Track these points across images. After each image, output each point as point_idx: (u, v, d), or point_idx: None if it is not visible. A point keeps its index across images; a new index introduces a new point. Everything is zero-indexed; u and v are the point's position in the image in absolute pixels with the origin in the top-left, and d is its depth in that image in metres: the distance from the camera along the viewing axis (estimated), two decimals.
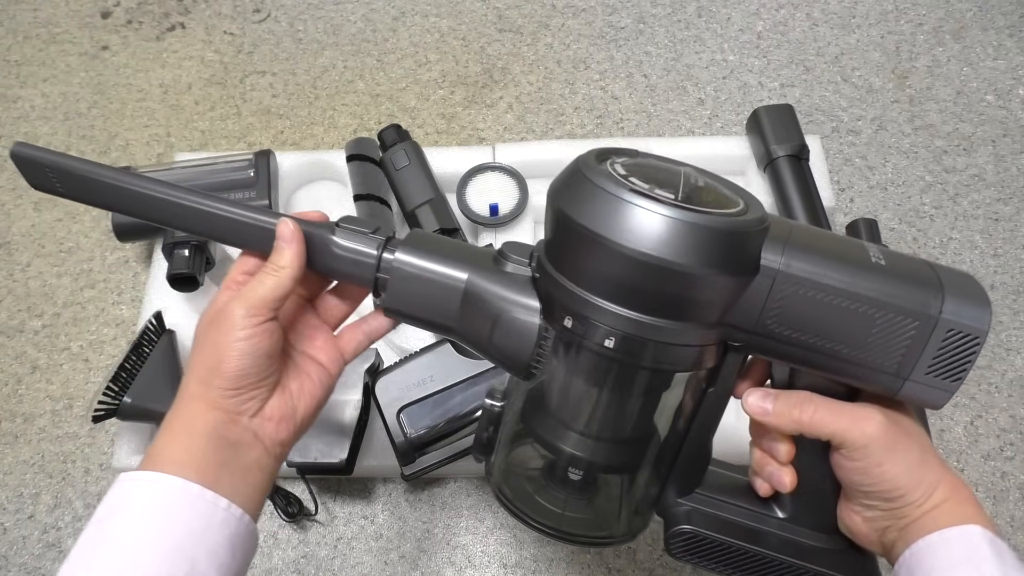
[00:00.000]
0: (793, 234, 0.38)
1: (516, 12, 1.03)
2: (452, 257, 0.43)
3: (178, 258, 0.74)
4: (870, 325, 0.37)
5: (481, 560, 0.69)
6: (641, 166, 0.40)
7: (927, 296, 0.37)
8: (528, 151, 0.84)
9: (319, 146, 0.94)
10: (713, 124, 0.94)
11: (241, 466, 0.41)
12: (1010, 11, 1.00)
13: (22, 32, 1.05)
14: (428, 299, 0.43)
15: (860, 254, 0.38)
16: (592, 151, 0.41)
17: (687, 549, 0.46)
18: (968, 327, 0.37)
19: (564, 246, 0.39)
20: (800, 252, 0.37)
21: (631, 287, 0.36)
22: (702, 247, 0.35)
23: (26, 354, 0.81)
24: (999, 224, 0.85)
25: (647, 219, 0.35)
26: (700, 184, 0.39)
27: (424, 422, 0.67)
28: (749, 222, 0.37)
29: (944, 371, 0.38)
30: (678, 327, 0.37)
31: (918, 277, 0.38)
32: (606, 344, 0.38)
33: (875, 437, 0.39)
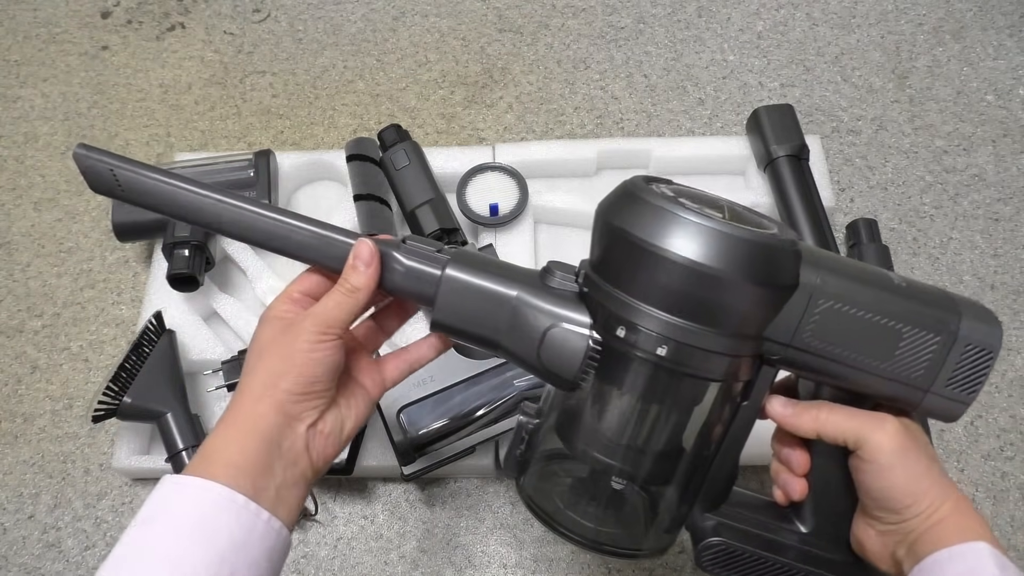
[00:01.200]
0: (823, 258, 0.42)
1: (516, 12, 1.03)
2: (501, 274, 0.44)
3: (178, 258, 0.74)
4: (897, 339, 0.41)
5: (481, 560, 0.69)
6: (685, 192, 0.44)
7: (947, 314, 0.41)
8: (528, 151, 0.84)
9: (319, 146, 0.94)
10: (713, 124, 0.94)
11: (288, 477, 0.42)
12: (1010, 11, 1.00)
13: (22, 32, 1.05)
14: (478, 314, 0.44)
15: (884, 276, 0.42)
16: (638, 176, 0.44)
17: (716, 561, 0.47)
18: (983, 343, 0.41)
19: (619, 260, 0.41)
20: (832, 272, 0.41)
21: (684, 296, 0.39)
22: (750, 260, 0.38)
23: (26, 354, 0.81)
24: (999, 224, 0.85)
25: (702, 233, 0.38)
26: (739, 210, 0.43)
27: (424, 422, 0.67)
28: (788, 242, 0.41)
29: (962, 384, 0.42)
30: (723, 337, 0.40)
31: (936, 298, 0.42)
32: (658, 352, 0.40)
33: (888, 439, 0.41)
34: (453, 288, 0.44)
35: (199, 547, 0.37)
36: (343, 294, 0.44)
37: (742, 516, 0.48)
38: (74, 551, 0.71)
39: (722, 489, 0.48)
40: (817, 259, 0.42)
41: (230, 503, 0.39)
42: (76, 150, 0.43)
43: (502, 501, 0.72)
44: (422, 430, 0.67)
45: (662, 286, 0.39)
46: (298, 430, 0.43)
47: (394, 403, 0.68)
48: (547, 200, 0.81)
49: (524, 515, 0.71)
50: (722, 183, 0.86)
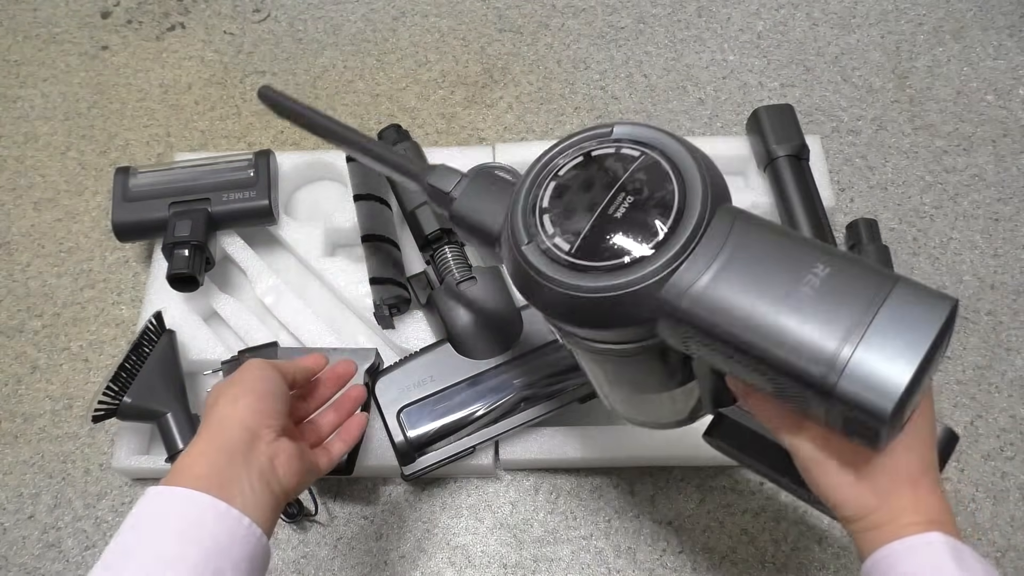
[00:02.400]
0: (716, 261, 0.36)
1: (516, 12, 1.03)
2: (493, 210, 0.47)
3: (178, 258, 0.74)
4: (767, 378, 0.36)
5: (481, 560, 0.69)
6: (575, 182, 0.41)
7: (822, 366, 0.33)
8: (528, 151, 0.84)
9: (319, 146, 0.93)
10: (713, 124, 0.94)
11: (257, 487, 0.45)
12: (1010, 11, 1.00)
13: (22, 32, 1.05)
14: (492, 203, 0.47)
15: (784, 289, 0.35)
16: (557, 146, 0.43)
17: (724, 435, 0.51)
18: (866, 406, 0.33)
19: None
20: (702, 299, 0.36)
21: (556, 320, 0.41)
22: (587, 310, 0.38)
23: (26, 354, 0.81)
24: (999, 224, 0.85)
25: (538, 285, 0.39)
26: (620, 212, 0.38)
27: (424, 422, 0.67)
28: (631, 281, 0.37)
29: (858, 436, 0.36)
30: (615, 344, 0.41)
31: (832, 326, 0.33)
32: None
33: (803, 446, 0.40)
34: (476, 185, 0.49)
35: (186, 548, 0.39)
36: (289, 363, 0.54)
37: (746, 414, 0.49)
38: (74, 551, 0.71)
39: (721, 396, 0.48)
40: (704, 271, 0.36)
41: (212, 508, 0.41)
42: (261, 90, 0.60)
43: (502, 501, 0.72)
44: (422, 430, 0.67)
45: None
46: (259, 445, 0.47)
47: (394, 403, 0.68)
48: None
49: (524, 515, 0.71)
50: None
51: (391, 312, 0.73)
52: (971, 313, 0.80)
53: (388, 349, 0.76)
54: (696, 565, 0.68)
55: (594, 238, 0.38)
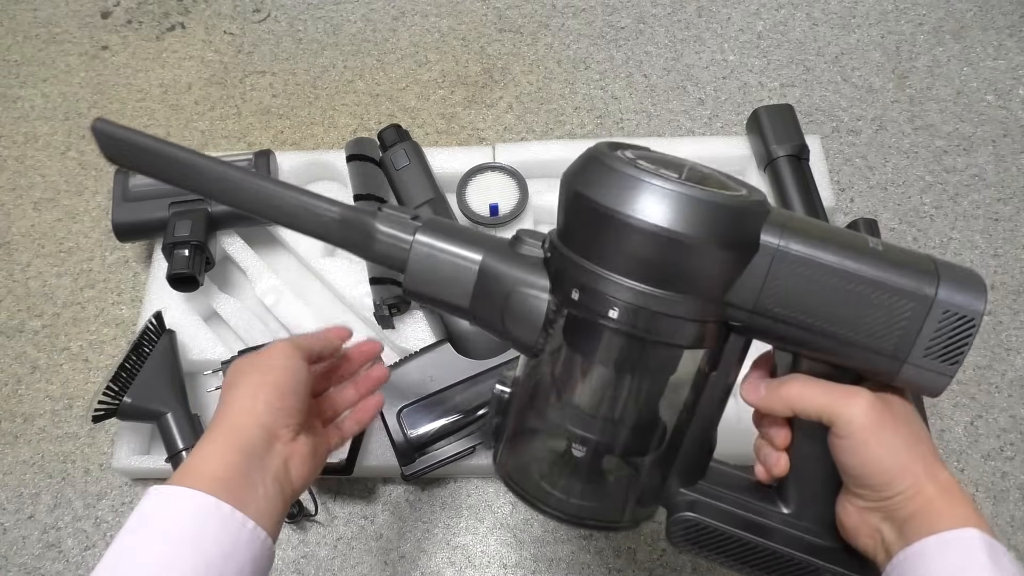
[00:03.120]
0: (792, 220, 0.40)
1: (516, 12, 1.03)
2: (470, 239, 0.45)
3: (178, 258, 0.74)
4: (866, 305, 0.39)
5: (481, 560, 0.69)
6: (649, 157, 0.42)
7: (922, 279, 0.39)
8: (528, 151, 0.84)
9: (319, 146, 0.94)
10: (713, 124, 0.94)
11: (269, 491, 0.44)
12: (1010, 11, 1.00)
13: (22, 32, 1.05)
14: (447, 279, 0.45)
15: (858, 240, 0.40)
16: (604, 142, 0.43)
17: (687, 538, 0.46)
18: (963, 309, 0.38)
19: (577, 224, 0.41)
20: (798, 235, 0.39)
21: (638, 258, 0.38)
22: (704, 220, 0.37)
23: (26, 354, 0.81)
24: (999, 224, 0.85)
25: (653, 193, 0.37)
26: (705, 172, 0.42)
27: (424, 422, 0.67)
28: (750, 201, 0.39)
29: (941, 354, 0.39)
30: (679, 299, 0.39)
31: (914, 263, 0.39)
32: (610, 314, 0.39)
33: (861, 414, 0.39)
34: (423, 253, 0.44)
35: (188, 552, 0.38)
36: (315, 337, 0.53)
37: (720, 494, 0.46)
38: (74, 551, 0.71)
39: (698, 463, 0.47)
40: (784, 221, 0.40)
41: (216, 511, 0.40)
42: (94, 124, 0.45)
43: (502, 501, 0.72)
44: (422, 430, 0.67)
45: (617, 249, 0.39)
46: (276, 446, 0.46)
47: (394, 403, 0.68)
48: (547, 200, 0.81)
49: (524, 515, 0.71)
50: None
51: (391, 312, 0.73)
52: None
53: (388, 349, 0.76)
54: (696, 565, 0.68)
55: (694, 178, 0.39)
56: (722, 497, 0.46)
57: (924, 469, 0.39)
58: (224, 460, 0.43)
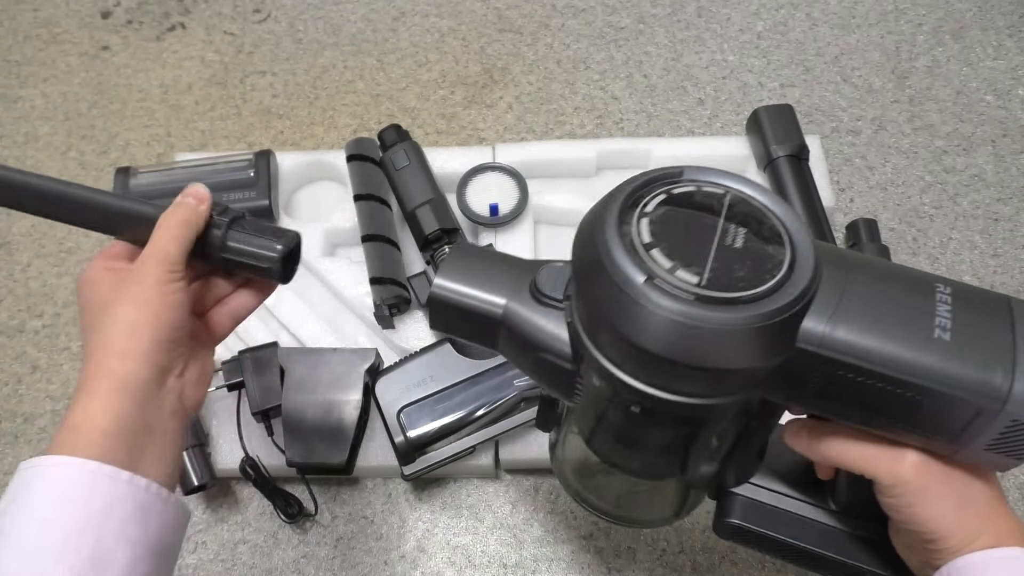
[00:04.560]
0: (845, 292, 0.34)
1: (516, 12, 1.03)
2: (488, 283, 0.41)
3: None
4: (918, 408, 0.34)
5: (481, 560, 0.69)
6: (673, 217, 0.36)
7: (991, 380, 0.33)
8: (528, 151, 0.84)
9: (319, 146, 0.94)
10: (713, 124, 0.94)
11: (168, 432, 0.41)
12: (1010, 11, 1.00)
13: (22, 32, 1.05)
14: (469, 324, 0.42)
15: (921, 323, 0.34)
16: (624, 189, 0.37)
17: (732, 536, 0.47)
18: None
19: (585, 314, 0.37)
20: (847, 322, 0.34)
21: (650, 374, 0.35)
22: (721, 347, 0.32)
23: (26, 354, 0.81)
24: (999, 224, 0.85)
25: (663, 321, 0.32)
26: (739, 242, 0.35)
27: (424, 422, 0.67)
28: (781, 308, 0.33)
29: (1004, 450, 0.35)
30: (702, 402, 0.35)
31: (987, 352, 0.33)
32: (632, 409, 0.37)
33: (905, 479, 0.37)
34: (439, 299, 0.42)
35: (53, 528, 0.36)
36: (178, 226, 0.43)
37: (769, 492, 0.46)
38: None
39: (749, 465, 0.46)
40: (840, 296, 0.34)
41: (80, 473, 0.37)
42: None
43: (502, 501, 0.72)
44: (422, 430, 0.67)
45: (625, 359, 0.35)
46: (169, 382, 0.42)
47: (394, 403, 0.68)
48: (547, 200, 0.81)
49: (524, 515, 0.71)
50: None
51: (391, 312, 0.73)
52: None
53: (388, 349, 0.76)
54: (696, 565, 0.68)
55: (721, 268, 0.33)
56: (770, 496, 0.46)
57: (978, 524, 0.37)
58: (115, 412, 0.38)
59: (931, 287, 0.35)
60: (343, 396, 0.68)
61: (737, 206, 0.37)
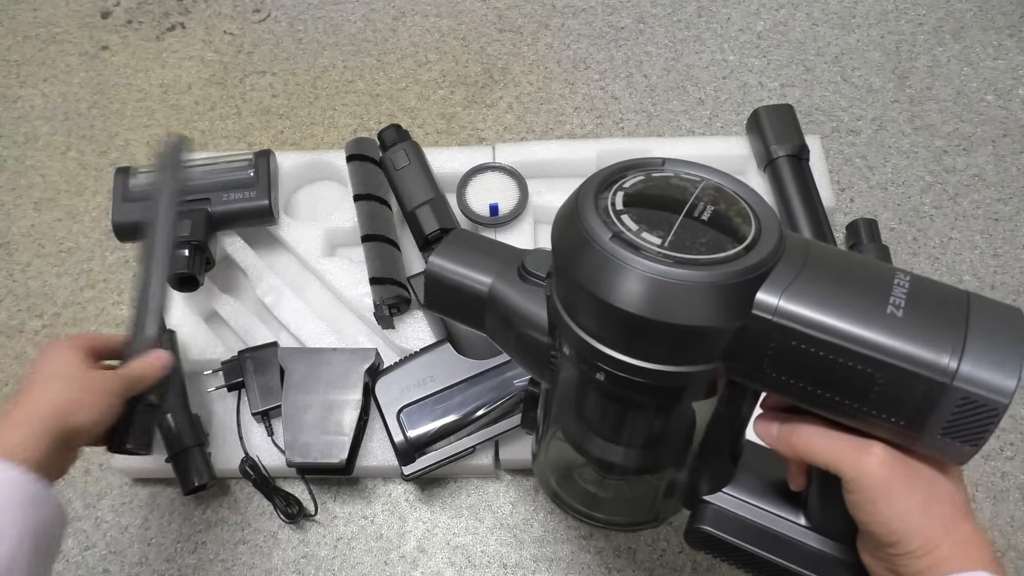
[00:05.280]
0: (803, 271, 0.36)
1: (516, 12, 1.03)
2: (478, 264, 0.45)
3: (178, 258, 0.73)
4: (871, 383, 0.35)
5: (481, 560, 0.69)
6: (647, 192, 0.39)
7: (940, 357, 0.33)
8: (528, 151, 0.84)
9: (319, 146, 0.94)
10: (713, 124, 0.94)
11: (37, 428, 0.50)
12: (1010, 11, 1.00)
13: (22, 32, 1.05)
14: (457, 300, 0.46)
15: (874, 301, 0.35)
16: (607, 170, 0.40)
17: (703, 544, 0.47)
18: (984, 397, 0.33)
19: (559, 282, 0.40)
20: (802, 297, 0.35)
21: (616, 334, 0.36)
22: (680, 302, 0.34)
23: (26, 354, 0.81)
24: (999, 224, 0.85)
25: (624, 273, 0.34)
26: (705, 216, 0.38)
27: (424, 422, 0.67)
28: (738, 271, 0.35)
29: (959, 435, 0.35)
30: (667, 369, 0.36)
31: (937, 330, 0.34)
32: (598, 377, 0.38)
33: (870, 472, 0.37)
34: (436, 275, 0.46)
35: None
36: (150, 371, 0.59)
37: (741, 503, 0.46)
38: (74, 551, 0.71)
39: (724, 470, 0.46)
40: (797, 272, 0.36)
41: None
42: None
43: (502, 501, 0.72)
44: (422, 430, 0.67)
45: (595, 321, 0.37)
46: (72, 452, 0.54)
47: (394, 403, 0.68)
48: (547, 200, 0.81)
49: (524, 515, 0.71)
50: None
51: (391, 312, 0.73)
52: None
53: (388, 349, 0.76)
54: (696, 565, 0.68)
55: (685, 234, 0.36)
56: (743, 507, 0.46)
57: (942, 527, 0.36)
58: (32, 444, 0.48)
59: (891, 275, 0.36)
60: (343, 396, 0.68)
61: (710, 190, 0.39)
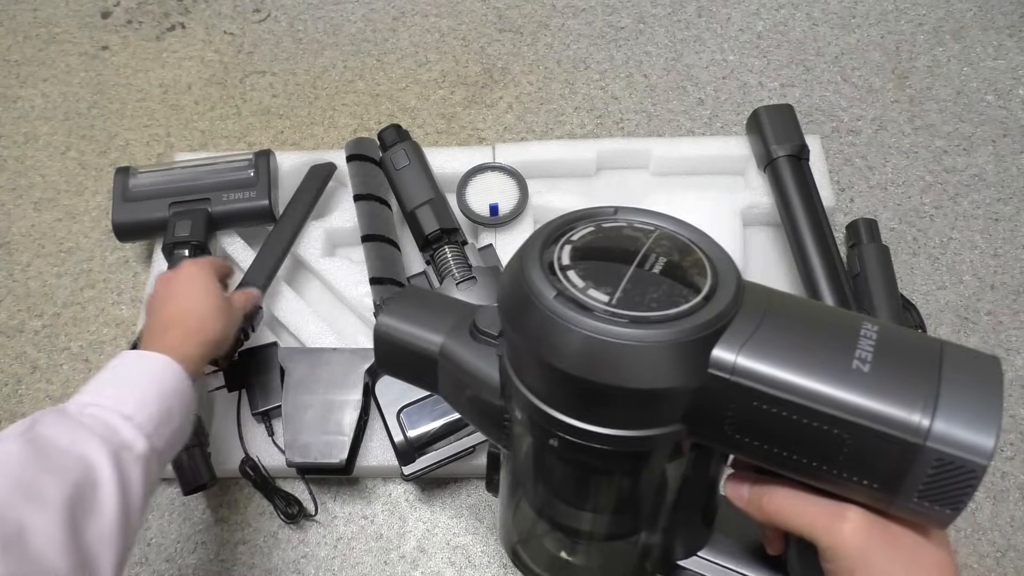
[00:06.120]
0: (762, 324, 0.33)
1: (516, 12, 1.03)
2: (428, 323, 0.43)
3: (178, 258, 0.74)
4: (840, 444, 0.32)
5: (481, 560, 0.69)
6: (596, 244, 0.37)
7: (911, 415, 0.31)
8: (528, 151, 0.84)
9: (319, 146, 0.94)
10: (713, 124, 0.94)
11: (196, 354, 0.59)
12: (1010, 11, 1.00)
13: (22, 32, 1.05)
14: (408, 360, 0.43)
15: (839, 355, 0.32)
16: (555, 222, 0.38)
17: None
18: (960, 457, 0.30)
19: (507, 343, 0.37)
20: (760, 353, 0.32)
21: (564, 397, 0.34)
22: (628, 363, 0.32)
23: (26, 354, 0.81)
24: (999, 224, 0.85)
25: (568, 335, 0.32)
26: (657, 268, 0.35)
27: (424, 422, 0.67)
28: (688, 331, 0.32)
29: (936, 499, 0.32)
30: (621, 434, 0.34)
31: (906, 385, 0.31)
32: (551, 443, 0.36)
33: (845, 541, 0.34)
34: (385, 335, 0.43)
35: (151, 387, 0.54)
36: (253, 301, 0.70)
37: (717, 567, 0.43)
38: None
39: (698, 534, 0.44)
40: (756, 326, 0.33)
41: (168, 364, 0.55)
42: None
43: None
44: (422, 430, 0.67)
45: (543, 383, 0.35)
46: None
47: (394, 403, 0.68)
48: (547, 200, 0.81)
49: None
50: (722, 183, 0.86)
51: None
52: (971, 313, 0.80)
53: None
54: None
55: (634, 290, 0.34)
56: (720, 571, 0.44)
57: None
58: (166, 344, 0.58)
59: (857, 325, 0.34)
60: (343, 396, 0.68)
61: (662, 240, 0.37)
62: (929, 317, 0.80)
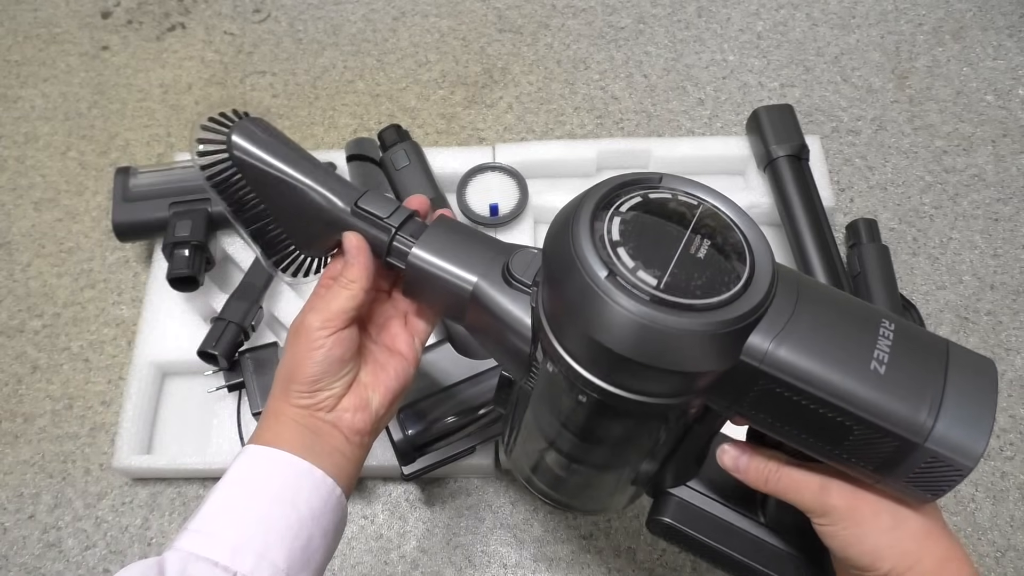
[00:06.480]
0: (794, 314, 0.36)
1: (516, 12, 1.03)
2: (463, 260, 0.44)
3: (178, 258, 0.74)
4: (847, 432, 0.36)
5: (481, 560, 0.69)
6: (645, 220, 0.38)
7: (917, 416, 0.35)
8: (528, 151, 0.84)
9: (319, 146, 0.94)
10: (713, 124, 0.94)
11: (325, 450, 0.45)
12: (1010, 11, 1.00)
13: (22, 32, 1.05)
14: (439, 295, 0.45)
15: (860, 354, 0.36)
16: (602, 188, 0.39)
17: (664, 534, 0.48)
18: (951, 459, 0.35)
19: (548, 301, 0.39)
20: (791, 345, 0.35)
21: (602, 366, 0.36)
22: (670, 349, 0.34)
23: (26, 354, 0.81)
24: (999, 224, 0.85)
25: (617, 315, 0.34)
26: (702, 252, 0.37)
27: (424, 422, 0.67)
28: (729, 321, 0.34)
29: (921, 485, 0.36)
30: (649, 400, 0.37)
31: (916, 389, 0.35)
32: (579, 399, 0.38)
33: (836, 507, 0.38)
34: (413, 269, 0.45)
35: (285, 511, 0.41)
36: (342, 287, 0.46)
37: (704, 497, 0.47)
38: (74, 551, 0.71)
39: (688, 468, 0.47)
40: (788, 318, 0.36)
41: (309, 475, 0.43)
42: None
43: (502, 501, 0.72)
44: (422, 430, 0.67)
45: (582, 350, 0.36)
46: (319, 416, 0.46)
47: None
48: (547, 200, 0.81)
49: (524, 515, 0.71)
50: (722, 183, 0.85)
51: None
52: (971, 313, 0.80)
53: None
54: (696, 565, 0.68)
55: (681, 273, 0.35)
56: (705, 501, 0.47)
57: (915, 543, 0.38)
58: (288, 435, 0.44)
59: (877, 322, 0.37)
60: None
61: (707, 219, 0.38)
62: (929, 317, 0.80)
